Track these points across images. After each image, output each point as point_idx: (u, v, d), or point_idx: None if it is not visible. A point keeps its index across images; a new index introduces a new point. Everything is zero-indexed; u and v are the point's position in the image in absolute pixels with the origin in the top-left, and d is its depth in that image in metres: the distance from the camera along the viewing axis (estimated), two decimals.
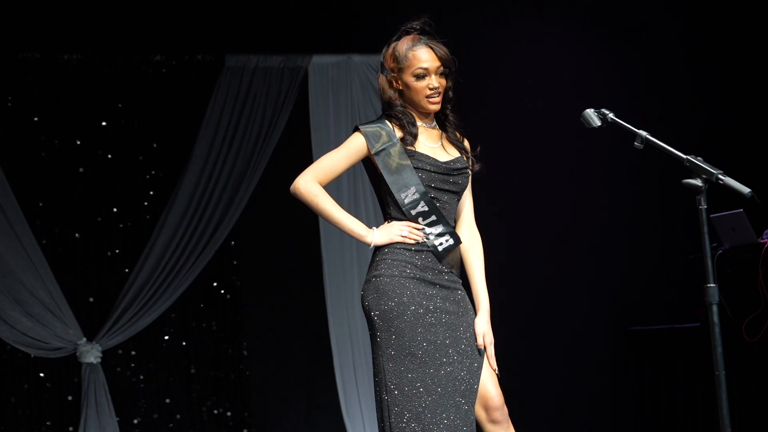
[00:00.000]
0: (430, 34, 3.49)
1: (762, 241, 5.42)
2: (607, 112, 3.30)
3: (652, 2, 7.00)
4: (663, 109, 6.88)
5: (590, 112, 3.31)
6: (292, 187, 3.48)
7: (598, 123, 3.30)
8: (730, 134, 6.92)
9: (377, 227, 3.47)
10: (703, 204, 3.04)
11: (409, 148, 3.44)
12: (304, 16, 6.54)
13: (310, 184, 3.45)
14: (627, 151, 3.69)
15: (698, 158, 3.07)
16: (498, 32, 6.78)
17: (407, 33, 3.51)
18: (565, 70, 6.91)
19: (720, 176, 3.01)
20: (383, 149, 3.44)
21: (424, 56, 3.44)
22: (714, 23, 7.02)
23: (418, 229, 3.44)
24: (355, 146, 3.47)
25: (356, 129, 3.49)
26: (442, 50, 3.46)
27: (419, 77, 3.44)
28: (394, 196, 3.44)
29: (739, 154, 6.68)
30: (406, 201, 3.43)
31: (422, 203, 3.43)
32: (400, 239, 3.42)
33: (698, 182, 3.04)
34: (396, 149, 3.43)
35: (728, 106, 7.00)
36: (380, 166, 3.44)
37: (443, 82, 3.47)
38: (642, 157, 4.42)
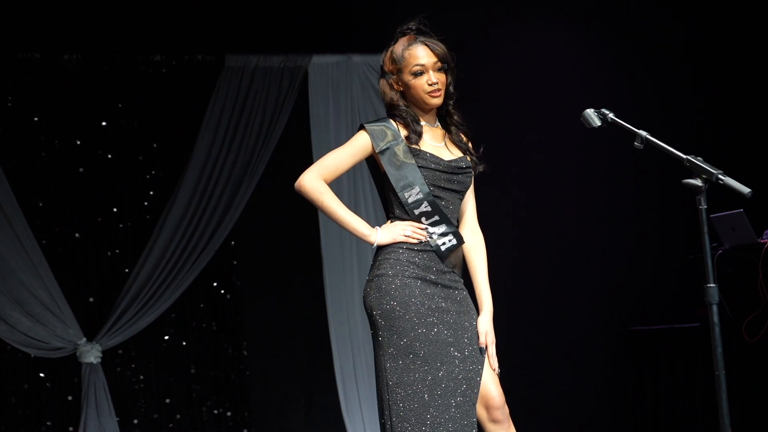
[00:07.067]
0: (426, 32, 3.50)
1: (762, 241, 5.42)
2: (607, 112, 3.31)
3: (653, 2, 7.00)
4: (663, 109, 6.88)
5: (590, 112, 3.31)
6: (297, 183, 3.48)
7: (598, 123, 3.30)
8: (730, 134, 6.92)
9: (380, 226, 3.47)
10: (703, 204, 3.04)
11: (413, 146, 3.45)
12: (304, 16, 6.54)
13: (316, 181, 3.45)
14: (627, 151, 3.69)
15: (698, 158, 3.07)
16: (498, 32, 6.78)
17: (403, 34, 3.52)
18: (565, 69, 6.91)
19: (720, 176, 3.01)
20: (388, 148, 3.44)
21: (420, 53, 3.45)
22: (714, 23, 7.02)
23: (421, 229, 3.44)
24: (360, 144, 3.47)
25: (361, 127, 3.50)
26: (438, 46, 3.47)
27: (417, 75, 3.45)
28: (397, 195, 3.45)
29: (739, 154, 6.68)
30: (410, 200, 3.44)
31: (426, 203, 3.43)
32: (404, 239, 3.43)
33: (698, 182, 3.04)
34: (401, 148, 3.44)
35: (728, 106, 7.00)
36: (385, 164, 3.44)
37: (442, 77, 3.47)
38: (642, 157, 4.42)
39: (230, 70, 6.43)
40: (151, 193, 6.37)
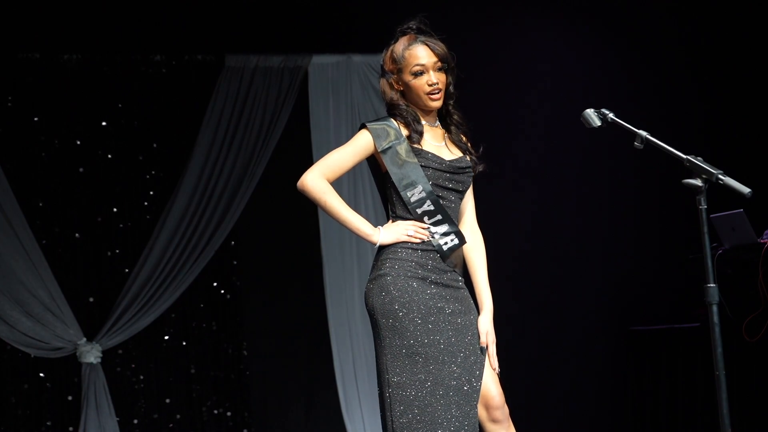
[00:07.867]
0: (426, 32, 3.50)
1: (762, 241, 5.42)
2: (607, 112, 3.31)
3: (653, 2, 7.00)
4: (663, 109, 6.88)
5: (590, 112, 3.31)
6: (299, 182, 3.47)
7: (598, 123, 3.30)
8: (730, 134, 6.92)
9: (382, 226, 3.47)
10: (703, 204, 3.04)
11: (415, 146, 3.45)
12: (304, 16, 6.54)
13: (318, 180, 3.45)
14: (627, 151, 3.69)
15: (698, 158, 3.07)
16: (498, 32, 6.78)
17: (404, 34, 3.52)
18: (565, 69, 6.91)
19: (720, 176, 3.01)
20: (390, 147, 3.44)
21: (420, 53, 3.45)
22: (714, 23, 7.02)
23: (423, 228, 3.44)
24: (362, 143, 3.47)
25: (363, 126, 3.50)
26: (439, 46, 3.47)
27: (417, 75, 3.45)
28: (400, 194, 3.45)
29: (739, 154, 6.68)
30: (413, 199, 3.44)
31: (428, 202, 3.43)
32: (406, 238, 3.43)
33: (698, 182, 3.04)
34: (403, 147, 3.44)
35: (728, 106, 7.00)
36: (387, 163, 3.44)
37: (442, 77, 3.47)
38: (642, 157, 4.42)
39: (230, 70, 6.43)
40: (151, 193, 6.37)
